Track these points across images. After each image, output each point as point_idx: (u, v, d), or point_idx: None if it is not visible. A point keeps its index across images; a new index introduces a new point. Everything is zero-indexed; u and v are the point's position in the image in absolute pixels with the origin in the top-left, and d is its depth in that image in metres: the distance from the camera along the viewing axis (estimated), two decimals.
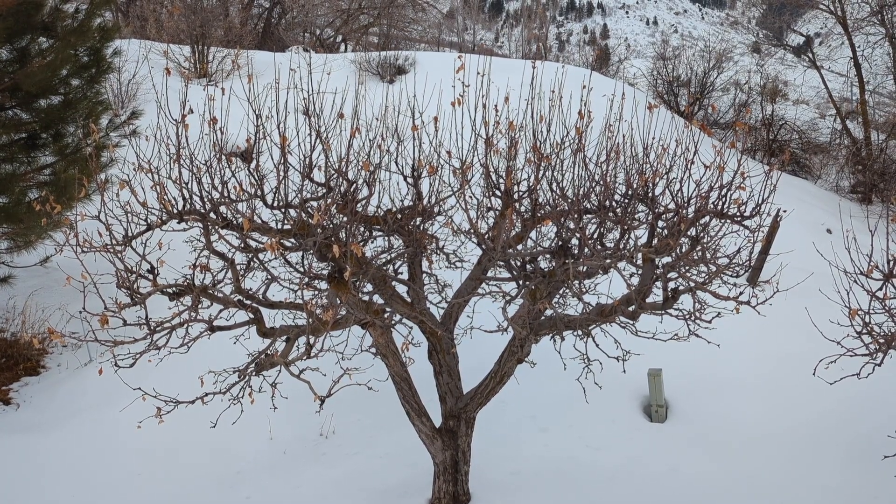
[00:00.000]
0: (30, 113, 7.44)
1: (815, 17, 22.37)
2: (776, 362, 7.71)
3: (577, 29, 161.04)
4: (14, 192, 6.94)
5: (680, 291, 4.67)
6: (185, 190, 4.35)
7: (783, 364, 7.61)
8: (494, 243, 4.63)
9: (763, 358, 7.79)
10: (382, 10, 28.23)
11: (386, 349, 5.19)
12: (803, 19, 23.85)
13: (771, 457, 6.40)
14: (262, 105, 4.51)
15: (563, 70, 5.15)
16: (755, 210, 4.59)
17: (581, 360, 5.37)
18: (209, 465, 6.31)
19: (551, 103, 4.91)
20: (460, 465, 5.59)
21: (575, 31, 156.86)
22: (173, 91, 4.50)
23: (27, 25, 7.12)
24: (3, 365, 7.59)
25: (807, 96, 23.30)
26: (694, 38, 44.73)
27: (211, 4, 19.36)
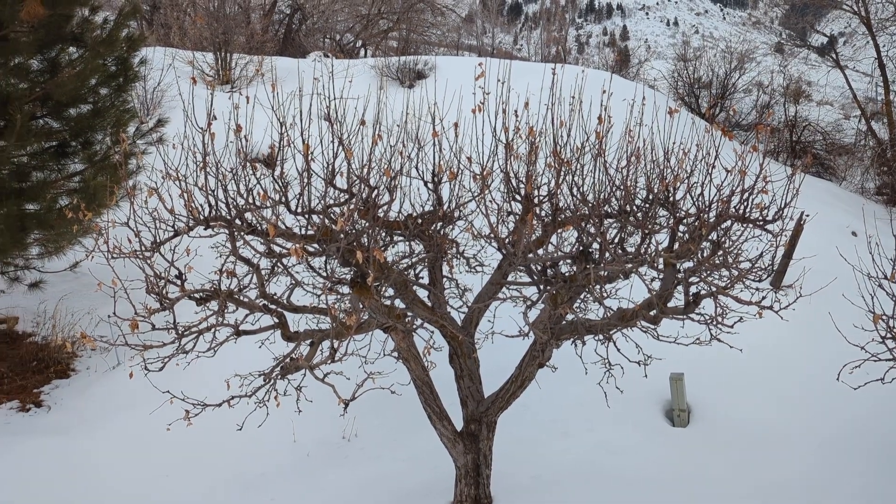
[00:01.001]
0: (60, 122, 7.60)
1: (839, 17, 22.12)
2: (799, 367, 7.65)
3: (596, 31, 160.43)
4: (45, 199, 7.09)
5: (702, 296, 4.67)
6: (212, 197, 4.44)
7: (806, 369, 7.56)
8: (515, 248, 4.66)
9: (786, 363, 7.74)
10: (402, 14, 28.35)
11: (408, 353, 5.24)
12: (826, 19, 23.60)
13: (794, 462, 6.36)
14: (286, 112, 4.58)
15: (583, 74, 5.18)
16: (778, 214, 4.58)
17: (602, 364, 5.38)
18: (235, 466, 6.39)
19: (571, 108, 4.93)
20: (482, 468, 5.62)
21: (594, 33, 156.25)
22: (199, 98, 4.60)
23: (57, 36, 7.28)
24: (34, 368, 7.75)
25: (831, 97, 23.05)
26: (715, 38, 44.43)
27: (233, 12, 19.59)
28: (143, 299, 4.35)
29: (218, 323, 4.49)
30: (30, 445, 6.51)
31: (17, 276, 8.50)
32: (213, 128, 4.37)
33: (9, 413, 7.08)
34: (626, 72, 27.10)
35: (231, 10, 19.49)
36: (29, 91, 6.99)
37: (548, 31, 50.78)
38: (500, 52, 42.43)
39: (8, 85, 6.74)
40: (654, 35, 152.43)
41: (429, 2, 29.77)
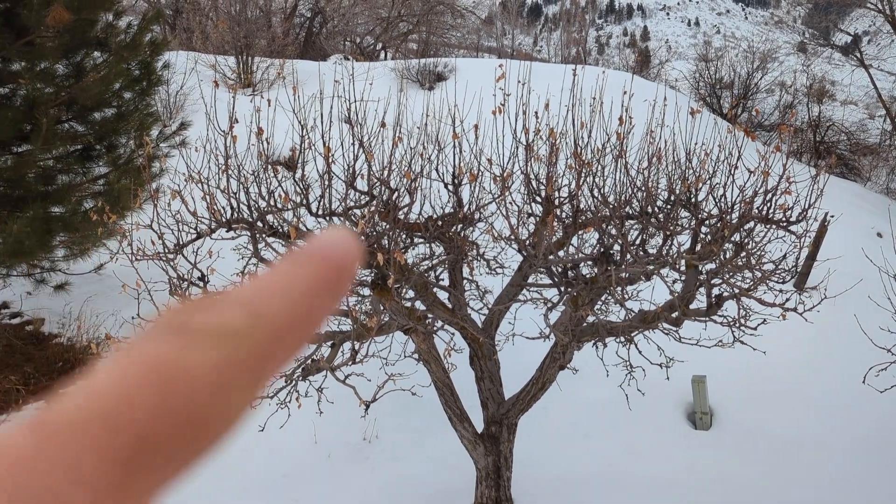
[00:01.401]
0: (85, 125, 7.70)
1: (863, 16, 21.85)
2: (824, 370, 7.56)
3: (616, 31, 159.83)
4: (70, 202, 7.19)
5: (724, 298, 4.64)
6: (234, 199, 4.48)
7: (831, 371, 7.47)
8: (536, 250, 4.66)
9: (810, 365, 7.66)
10: (422, 17, 28.44)
11: (428, 355, 5.25)
12: (850, 18, 23.32)
13: (819, 466, 6.29)
14: (307, 115, 4.62)
15: (603, 75, 5.16)
16: (802, 215, 4.53)
17: (624, 366, 5.36)
18: (258, 467, 6.44)
19: (592, 109, 4.92)
20: (502, 470, 5.61)
21: (615, 34, 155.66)
22: (221, 102, 4.64)
23: (82, 41, 7.38)
24: (60, 369, 7.86)
25: (855, 96, 22.79)
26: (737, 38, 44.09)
27: (255, 16, 19.75)
28: (166, 301, 4.40)
29: None
30: None
31: (44, 278, 8.63)
32: (235, 131, 4.41)
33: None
34: (647, 72, 26.96)
35: (252, 13, 19.66)
36: (55, 95, 7.10)
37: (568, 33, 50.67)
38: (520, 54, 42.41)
39: (34, 89, 6.84)
40: (674, 35, 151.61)
41: (449, 4, 29.82)
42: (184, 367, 0.27)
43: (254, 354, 0.29)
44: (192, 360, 0.27)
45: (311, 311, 0.31)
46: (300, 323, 0.30)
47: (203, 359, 0.28)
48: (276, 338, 0.30)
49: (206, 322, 0.29)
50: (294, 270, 0.31)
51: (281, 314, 0.30)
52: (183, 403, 0.27)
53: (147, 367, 0.27)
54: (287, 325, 0.30)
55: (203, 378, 0.27)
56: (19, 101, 7.09)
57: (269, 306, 0.30)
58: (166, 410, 0.27)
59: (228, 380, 0.28)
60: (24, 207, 6.82)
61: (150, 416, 0.26)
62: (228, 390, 0.28)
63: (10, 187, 7.15)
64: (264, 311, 0.30)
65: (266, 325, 0.29)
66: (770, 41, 23.24)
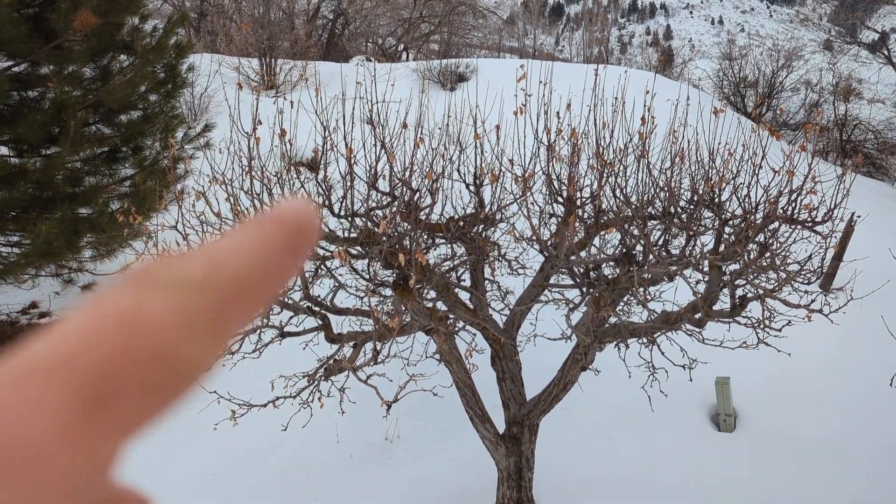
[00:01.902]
0: (111, 128, 7.82)
1: (891, 13, 21.52)
2: (850, 372, 7.46)
3: (639, 31, 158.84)
4: (97, 203, 7.30)
5: (748, 299, 4.59)
6: (257, 200, 4.52)
7: (858, 374, 7.37)
8: (557, 250, 4.65)
9: (836, 367, 7.56)
10: (443, 17, 28.47)
11: (450, 355, 5.26)
12: (878, 15, 22.98)
13: (845, 470, 6.21)
14: (329, 116, 4.65)
15: (626, 75, 5.14)
16: (827, 215, 4.48)
17: (646, 367, 5.33)
18: (280, 466, 6.49)
19: (614, 109, 4.90)
20: (524, 471, 5.60)
21: (637, 33, 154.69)
22: (244, 104, 4.69)
23: (109, 45, 7.50)
24: None
25: (882, 94, 22.42)
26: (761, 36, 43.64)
27: (277, 18, 19.90)
28: None
29: (263, 324, 4.57)
30: None
31: (71, 279, 8.77)
32: (259, 132, 4.45)
33: None
34: (670, 72, 26.76)
35: (276, 16, 19.81)
36: (82, 98, 7.21)
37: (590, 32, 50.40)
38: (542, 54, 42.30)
39: (62, 93, 6.96)
40: (698, 34, 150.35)
41: (470, 5, 29.82)
42: (142, 312, 0.29)
43: (212, 303, 0.30)
44: (151, 306, 0.29)
45: (271, 267, 0.33)
46: (260, 278, 0.32)
47: (162, 305, 0.29)
48: (234, 290, 0.31)
49: (166, 274, 0.31)
50: (255, 230, 0.33)
51: (240, 268, 0.32)
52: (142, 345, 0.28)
53: (109, 314, 0.29)
54: (246, 279, 0.32)
55: (161, 322, 0.29)
56: (48, 104, 7.22)
57: (228, 260, 0.32)
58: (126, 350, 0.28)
59: (187, 326, 0.29)
60: (52, 209, 6.95)
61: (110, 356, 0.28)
62: (188, 336, 0.29)
63: (38, 189, 7.28)
64: (223, 264, 0.31)
65: (224, 278, 0.31)
66: (795, 39, 22.94)
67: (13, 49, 7.06)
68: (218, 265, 0.31)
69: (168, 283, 0.30)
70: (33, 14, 7.08)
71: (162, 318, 0.29)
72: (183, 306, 0.30)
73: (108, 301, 0.29)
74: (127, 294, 0.30)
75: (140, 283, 0.30)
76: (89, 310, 0.29)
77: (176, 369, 0.29)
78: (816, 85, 20.14)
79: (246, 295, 0.32)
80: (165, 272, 0.31)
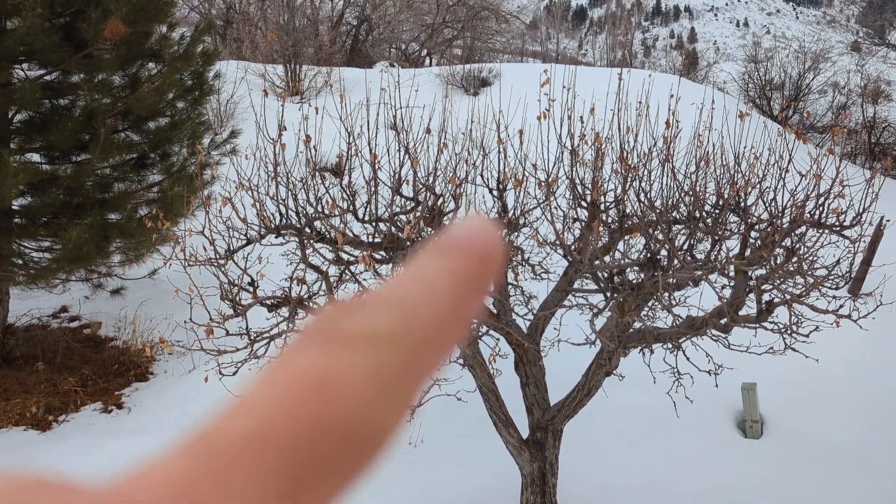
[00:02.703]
0: (140, 134, 7.94)
1: None
2: (879, 378, 7.35)
3: (663, 34, 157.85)
4: (126, 209, 7.42)
5: (775, 304, 4.55)
6: (283, 206, 4.58)
7: (887, 380, 7.25)
8: (581, 255, 4.64)
9: (865, 373, 7.44)
10: (466, 23, 28.53)
11: (473, 360, 5.27)
12: None
13: (874, 478, 6.11)
14: (354, 122, 4.69)
15: (650, 79, 5.12)
16: (856, 219, 4.42)
17: (671, 373, 5.29)
18: None
19: (638, 113, 4.89)
20: (548, 477, 5.59)
21: (661, 36, 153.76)
22: (270, 110, 4.75)
23: (138, 53, 7.62)
24: (116, 371, 8.10)
25: None
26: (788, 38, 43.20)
27: (302, 25, 20.08)
28: (217, 305, 4.51)
29: (289, 329, 4.62)
30: (112, 446, 6.81)
31: (101, 283, 8.91)
32: (284, 138, 4.51)
33: (92, 414, 7.42)
34: (695, 75, 26.56)
35: (300, 23, 19.99)
36: (111, 106, 7.33)
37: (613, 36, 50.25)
38: (565, 58, 42.20)
39: (92, 100, 7.09)
40: (723, 37, 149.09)
41: (493, 9, 29.86)
42: (339, 376, 0.26)
43: (409, 359, 0.27)
44: (344, 367, 0.26)
45: (463, 309, 0.29)
46: (449, 323, 0.29)
47: (355, 365, 0.26)
48: (429, 340, 0.28)
49: (357, 326, 0.27)
50: (438, 265, 0.29)
51: (433, 315, 0.28)
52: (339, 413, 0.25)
53: (301, 378, 0.26)
54: (441, 327, 0.28)
55: (359, 385, 0.26)
56: (78, 112, 7.36)
57: (420, 306, 0.28)
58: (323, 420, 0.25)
59: (385, 387, 0.26)
60: (82, 214, 7.07)
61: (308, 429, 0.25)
62: (386, 399, 0.26)
63: (69, 195, 7.41)
64: (416, 311, 0.28)
65: (419, 328, 0.28)
66: (822, 41, 22.65)
67: (45, 58, 7.20)
68: (411, 314, 0.28)
69: (358, 338, 0.27)
70: (64, 24, 7.22)
71: (357, 380, 0.26)
72: (378, 365, 0.26)
73: (296, 361, 0.26)
74: (315, 352, 0.26)
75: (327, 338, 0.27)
76: (278, 373, 0.26)
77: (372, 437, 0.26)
78: (844, 87, 19.87)
79: (440, 345, 0.28)
80: (353, 324, 0.27)
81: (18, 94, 6.79)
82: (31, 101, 6.98)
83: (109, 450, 6.74)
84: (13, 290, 8.16)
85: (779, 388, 7.05)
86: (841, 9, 31.75)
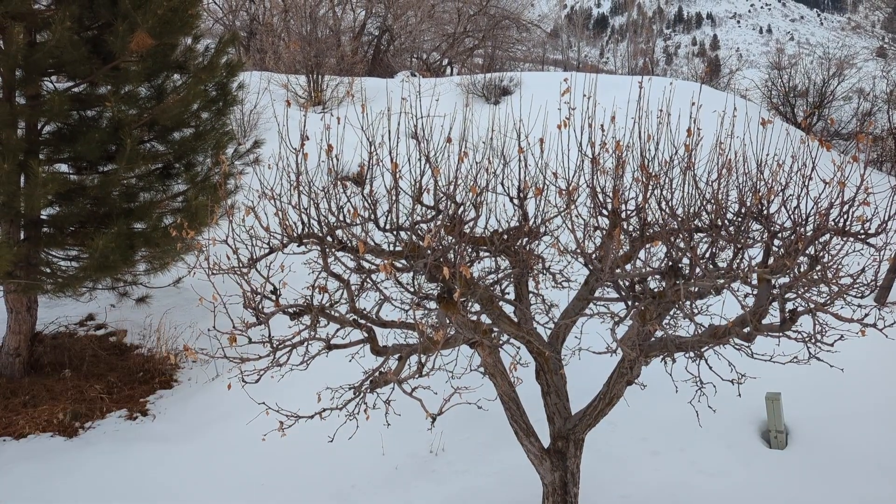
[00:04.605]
0: (165, 145, 8.06)
1: None
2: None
3: (685, 41, 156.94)
4: (151, 218, 7.52)
5: (799, 313, 4.50)
6: (305, 215, 4.61)
7: None
8: (602, 263, 4.62)
9: (892, 383, 7.32)
10: (487, 32, 28.59)
11: (494, 369, 5.27)
12: None
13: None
14: (375, 131, 4.72)
15: (671, 87, 5.10)
16: (881, 226, 4.36)
17: (693, 382, 5.25)
18: (327, 478, 6.56)
19: (659, 121, 4.87)
20: (569, 486, 5.56)
21: (683, 44, 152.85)
22: (292, 120, 4.80)
23: (163, 64, 7.75)
24: (141, 378, 8.20)
25: None
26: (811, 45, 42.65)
27: (324, 35, 20.26)
28: (240, 314, 4.56)
29: (310, 337, 4.65)
30: (137, 452, 6.89)
31: (126, 292, 9.05)
32: (306, 148, 4.55)
33: (118, 421, 7.52)
34: (717, 82, 26.38)
35: (323, 33, 20.17)
36: (138, 117, 7.46)
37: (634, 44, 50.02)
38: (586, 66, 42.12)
39: (119, 111, 7.21)
40: (745, 44, 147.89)
41: (514, 18, 29.91)
42: None
43: None
44: None
45: None
46: None
47: None
48: None
49: None
50: None
51: None
52: None
53: None
54: None
55: None
56: (105, 123, 7.49)
57: None
58: None
59: None
60: (108, 224, 7.18)
61: None
62: None
63: (96, 204, 7.53)
64: None
65: None
66: (847, 47, 22.37)
67: (73, 70, 7.35)
68: None
69: None
70: (92, 37, 7.36)
71: None
72: None
73: None
74: None
75: None
76: None
77: None
78: (869, 93, 19.60)
79: None
80: None
81: (47, 105, 6.93)
82: (59, 113, 7.12)
83: (135, 456, 6.82)
84: (41, 298, 8.31)
85: (804, 398, 6.96)
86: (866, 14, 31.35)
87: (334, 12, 23.93)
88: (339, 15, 24.30)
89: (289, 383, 5.37)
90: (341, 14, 24.78)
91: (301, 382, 5.33)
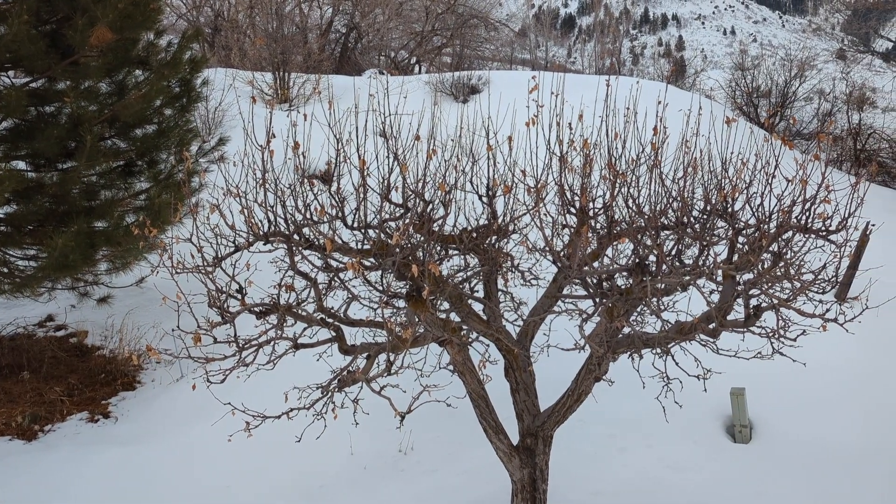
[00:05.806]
0: (127, 142, 7.90)
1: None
2: (866, 381, 7.39)
3: (651, 41, 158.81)
4: (113, 216, 7.37)
5: (762, 308, 4.56)
6: (271, 213, 4.55)
7: (874, 383, 7.29)
8: (570, 261, 4.64)
9: (852, 377, 7.48)
10: (455, 30, 28.60)
11: (463, 367, 5.26)
12: (891, 23, 22.83)
13: (863, 481, 6.13)
14: (342, 129, 4.68)
15: (638, 86, 5.14)
16: (842, 224, 4.45)
17: (660, 378, 5.30)
18: (295, 478, 6.49)
19: (626, 120, 4.90)
20: (538, 483, 5.57)
21: (649, 44, 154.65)
22: (258, 117, 4.73)
23: (125, 60, 7.60)
24: (103, 380, 8.03)
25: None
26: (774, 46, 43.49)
27: (291, 32, 20.06)
28: (205, 313, 4.48)
29: (277, 336, 4.59)
30: (98, 455, 6.74)
31: (87, 292, 8.85)
32: (272, 145, 4.49)
33: (79, 424, 7.35)
34: (682, 82, 26.72)
35: (289, 30, 19.97)
36: (98, 113, 7.30)
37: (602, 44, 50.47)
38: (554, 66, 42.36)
39: (78, 108, 7.05)
40: (710, 45, 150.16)
41: (482, 17, 29.95)
42: None
43: None
44: None
45: None
46: None
47: None
48: None
49: None
50: None
51: None
52: None
53: None
54: None
55: None
56: (64, 119, 7.31)
57: None
58: None
59: None
60: (68, 222, 7.02)
61: None
62: None
63: (55, 203, 7.36)
64: None
65: None
66: (808, 49, 22.79)
67: (31, 65, 7.16)
68: None
69: None
70: (50, 31, 7.19)
71: None
72: None
73: None
74: None
75: None
76: None
77: None
78: (830, 94, 20.00)
79: None
80: None
81: (4, 101, 6.74)
82: (16, 109, 6.93)
83: (96, 459, 6.68)
84: None
85: (767, 393, 7.08)
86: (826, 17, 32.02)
87: (301, 9, 23.71)
88: (305, 12, 24.08)
89: (255, 383, 5.30)
90: (308, 11, 24.57)
91: (268, 382, 5.26)
